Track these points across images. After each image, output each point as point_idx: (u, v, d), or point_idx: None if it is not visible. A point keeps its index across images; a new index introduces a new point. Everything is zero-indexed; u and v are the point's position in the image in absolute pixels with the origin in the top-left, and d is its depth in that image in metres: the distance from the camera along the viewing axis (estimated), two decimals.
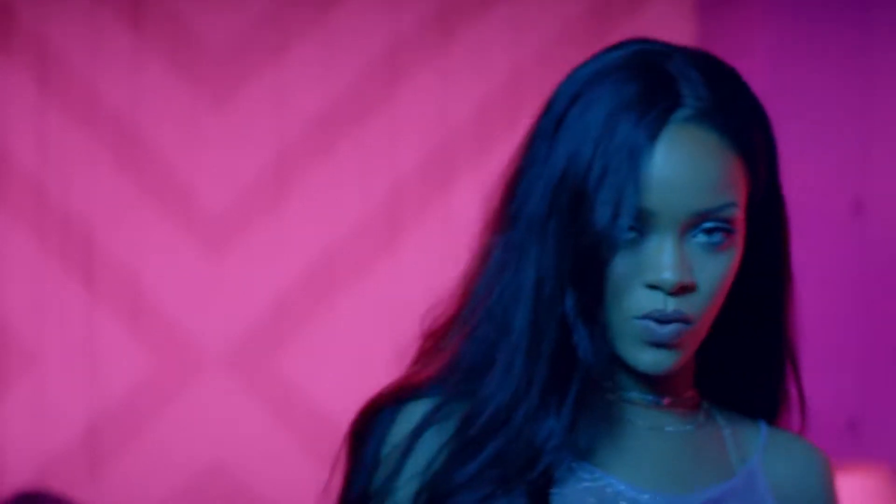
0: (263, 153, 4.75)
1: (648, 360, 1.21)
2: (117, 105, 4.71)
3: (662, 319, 1.19)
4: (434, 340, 1.31)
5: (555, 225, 1.21)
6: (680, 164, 1.19)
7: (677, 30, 4.70)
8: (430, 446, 1.26)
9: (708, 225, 1.21)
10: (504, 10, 4.72)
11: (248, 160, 4.75)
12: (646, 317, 1.20)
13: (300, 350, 4.75)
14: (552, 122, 1.24)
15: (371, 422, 1.31)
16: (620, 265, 1.19)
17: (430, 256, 4.23)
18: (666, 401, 1.28)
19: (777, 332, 1.32)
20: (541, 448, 1.21)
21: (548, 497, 1.21)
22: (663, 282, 1.19)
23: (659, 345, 1.20)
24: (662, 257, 1.18)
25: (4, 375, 4.69)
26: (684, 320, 1.20)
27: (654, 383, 1.26)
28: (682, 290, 1.19)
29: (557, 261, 1.21)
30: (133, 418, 4.72)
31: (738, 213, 1.22)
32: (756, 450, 1.31)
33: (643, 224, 1.20)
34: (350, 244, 4.74)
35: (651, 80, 1.23)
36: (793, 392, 1.35)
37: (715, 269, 1.21)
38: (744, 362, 1.32)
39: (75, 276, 4.71)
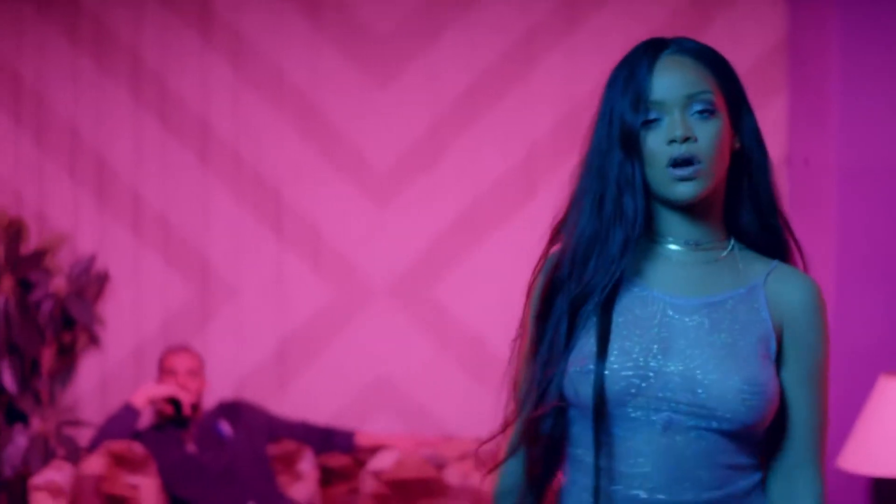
0: (420, 122, 4.91)
1: (681, 190, 1.77)
2: (299, 83, 4.89)
3: (681, 162, 1.75)
4: (555, 230, 1.88)
5: (612, 135, 1.79)
6: (671, 72, 1.78)
7: (768, 17, 4.82)
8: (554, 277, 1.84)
9: (697, 106, 1.77)
10: (620, 1, 4.82)
11: (408, 128, 4.91)
12: (671, 164, 1.77)
13: (452, 282, 4.92)
14: (606, 89, 1.82)
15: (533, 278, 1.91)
16: (651, 140, 1.77)
17: (560, 206, 4.49)
18: (698, 244, 1.83)
19: (768, 188, 1.85)
20: (616, 256, 1.78)
21: (614, 298, 1.79)
22: (676, 136, 1.75)
23: (684, 179, 1.76)
24: (673, 124, 1.76)
25: (210, 306, 4.94)
26: (695, 160, 1.76)
27: (693, 230, 1.82)
28: (687, 139, 1.75)
29: (613, 150, 1.79)
30: (314, 340, 4.94)
31: (715, 99, 1.78)
32: (762, 275, 1.82)
33: (659, 111, 1.77)
34: (493, 196, 4.90)
35: (650, 42, 1.82)
36: (791, 242, 1.88)
37: (707, 130, 1.77)
38: (757, 215, 1.86)
39: (266, 225, 4.92)
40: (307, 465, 4.73)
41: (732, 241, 1.85)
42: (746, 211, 1.85)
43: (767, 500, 1.83)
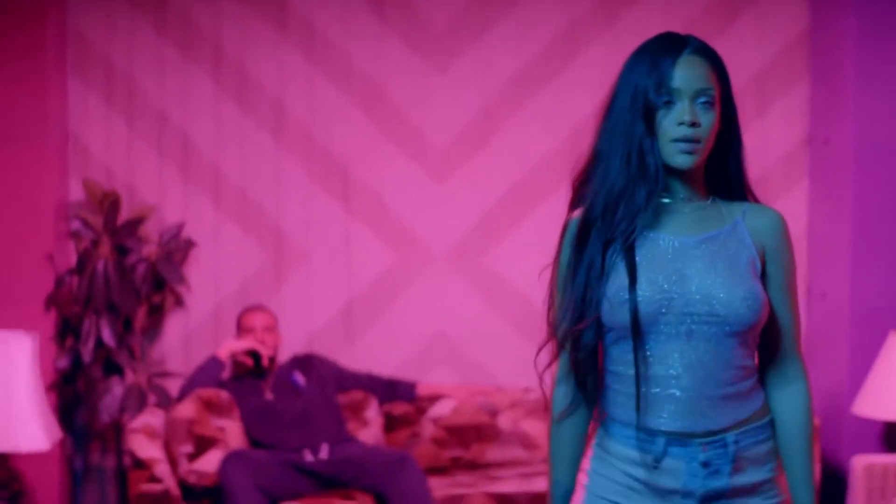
0: (474, 105, 5.01)
1: (682, 159, 2.07)
2: (365, 70, 4.99)
3: (684, 139, 2.05)
4: (578, 180, 2.17)
5: (635, 108, 2.06)
6: (689, 68, 2.07)
7: (792, 12, 4.90)
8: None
9: (703, 99, 2.07)
10: None
11: (463, 110, 5.01)
12: (676, 139, 2.06)
13: (502, 249, 5.03)
14: (628, 69, 2.10)
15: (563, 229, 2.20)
16: (665, 119, 2.06)
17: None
18: (688, 198, 2.13)
19: (738, 163, 2.16)
20: (640, 207, 2.06)
21: (634, 241, 2.07)
22: (685, 120, 2.05)
23: (685, 152, 2.06)
24: (684, 110, 2.05)
25: (283, 270, 5.03)
26: (696, 140, 2.06)
27: (684, 189, 2.12)
28: (693, 125, 2.05)
29: (637, 121, 2.06)
30: (378, 300, 5.05)
31: (716, 95, 2.07)
32: (740, 213, 2.14)
33: (674, 96, 2.06)
34: (539, 172, 5.01)
35: (672, 38, 2.09)
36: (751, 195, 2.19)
37: (707, 118, 2.08)
38: (728, 180, 2.16)
39: (335, 197, 5.01)
40: (373, 412, 4.84)
41: (712, 196, 2.17)
42: (722, 177, 2.17)
43: (765, 386, 2.16)
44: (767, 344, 2.15)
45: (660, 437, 2.07)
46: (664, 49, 2.06)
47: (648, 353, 2.07)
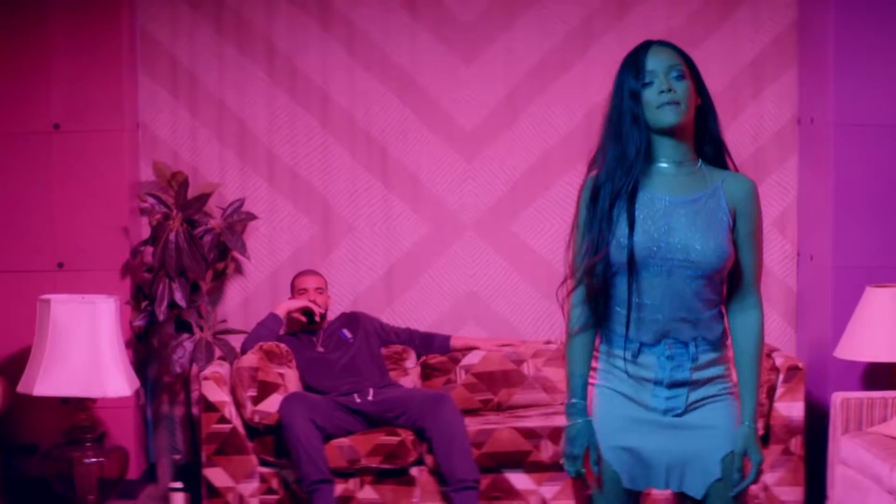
0: (499, 91, 5.07)
1: (668, 117, 2.35)
2: (401, 62, 5.06)
3: (668, 102, 2.32)
4: (591, 163, 2.47)
5: (625, 97, 2.40)
6: (659, 53, 2.41)
7: (783, 4, 4.96)
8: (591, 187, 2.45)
9: (674, 73, 2.39)
10: None
11: (489, 96, 5.07)
12: (660, 105, 2.36)
13: (526, 219, 5.12)
14: (617, 77, 2.42)
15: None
16: (648, 93, 2.38)
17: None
18: (680, 162, 2.43)
19: (716, 128, 2.45)
20: (632, 163, 2.36)
21: (636, 196, 2.40)
22: (663, 88, 2.35)
23: (669, 111, 2.37)
24: (661, 83, 2.39)
25: (331, 240, 5.12)
26: (676, 102, 2.37)
27: (675, 155, 2.42)
28: (670, 90, 2.34)
29: (626, 102, 2.39)
30: (415, 265, 5.15)
31: (685, 70, 2.36)
32: (720, 180, 2.44)
33: (652, 77, 2.38)
34: (558, 151, 5.08)
35: (643, 42, 2.40)
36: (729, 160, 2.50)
37: (680, 85, 2.39)
38: (711, 145, 2.45)
39: (376, 174, 5.10)
40: (411, 363, 4.94)
41: (700, 161, 2.48)
42: (706, 144, 2.49)
43: (729, 314, 2.52)
44: (733, 281, 2.50)
45: (637, 342, 2.44)
46: (638, 49, 2.40)
47: (640, 285, 2.42)
